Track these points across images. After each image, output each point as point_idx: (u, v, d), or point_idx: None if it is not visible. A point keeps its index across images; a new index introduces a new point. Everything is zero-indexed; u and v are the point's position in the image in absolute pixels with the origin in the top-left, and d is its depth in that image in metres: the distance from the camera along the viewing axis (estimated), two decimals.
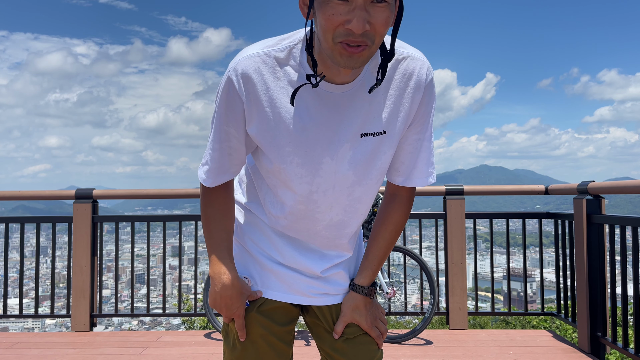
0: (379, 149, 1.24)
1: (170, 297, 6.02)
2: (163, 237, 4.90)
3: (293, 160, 1.21)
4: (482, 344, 3.98)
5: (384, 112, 1.20)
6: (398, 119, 1.22)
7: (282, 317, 1.37)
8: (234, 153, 1.27)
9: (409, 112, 1.23)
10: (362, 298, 1.35)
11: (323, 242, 1.35)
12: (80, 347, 4.02)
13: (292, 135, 1.19)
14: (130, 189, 4.89)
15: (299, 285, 1.35)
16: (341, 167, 1.23)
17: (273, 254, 1.36)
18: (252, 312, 1.34)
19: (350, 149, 1.21)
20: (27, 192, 4.93)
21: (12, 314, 4.78)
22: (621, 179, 4.29)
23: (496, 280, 5.83)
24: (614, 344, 3.49)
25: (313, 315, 1.41)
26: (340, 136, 1.20)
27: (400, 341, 4.00)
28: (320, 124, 1.19)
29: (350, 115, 1.19)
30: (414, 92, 1.22)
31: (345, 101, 1.18)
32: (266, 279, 1.36)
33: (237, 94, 1.18)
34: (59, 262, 10.19)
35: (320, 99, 1.18)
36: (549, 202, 40.32)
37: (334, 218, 1.30)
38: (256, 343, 1.35)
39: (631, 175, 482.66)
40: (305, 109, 1.18)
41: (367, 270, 1.37)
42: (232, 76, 1.18)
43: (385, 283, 4.07)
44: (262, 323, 1.34)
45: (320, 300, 1.36)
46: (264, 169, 1.29)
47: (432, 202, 10.90)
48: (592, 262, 3.67)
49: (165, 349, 3.94)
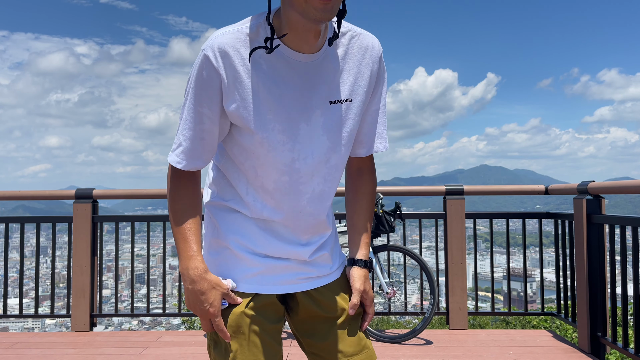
0: (347, 116, 1.35)
1: (170, 297, 6.02)
2: (163, 237, 4.91)
3: (274, 127, 1.28)
4: (482, 344, 3.99)
5: (348, 81, 1.34)
6: (361, 87, 1.36)
7: (272, 314, 1.37)
8: (207, 137, 1.31)
9: (369, 82, 1.38)
10: (365, 271, 1.47)
11: (308, 223, 1.38)
12: (80, 347, 4.02)
13: (271, 102, 1.27)
14: (130, 189, 4.89)
15: (288, 276, 1.38)
16: (316, 133, 1.32)
17: (259, 248, 1.37)
18: (243, 309, 1.33)
19: (321, 116, 1.32)
20: (27, 192, 4.93)
21: (12, 314, 4.78)
22: (621, 179, 4.29)
23: (496, 280, 5.83)
24: (614, 344, 3.49)
25: (303, 308, 1.42)
26: (312, 103, 1.30)
27: (400, 341, 4.00)
28: (295, 90, 1.29)
29: (318, 83, 1.31)
30: (371, 64, 1.37)
31: (313, 70, 1.30)
32: (254, 276, 1.37)
33: (214, 70, 1.25)
34: (59, 262, 10.20)
35: (292, 67, 1.28)
36: (549, 202, 40.34)
37: (315, 189, 1.36)
38: (251, 343, 1.33)
39: (631, 175, 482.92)
40: (280, 77, 1.28)
41: (363, 243, 1.49)
42: (209, 53, 1.25)
43: (385, 283, 4.07)
44: (254, 320, 1.33)
45: (309, 284, 1.41)
46: (242, 151, 1.33)
47: (432, 202, 10.91)
48: (592, 262, 3.67)
49: (165, 349, 3.94)
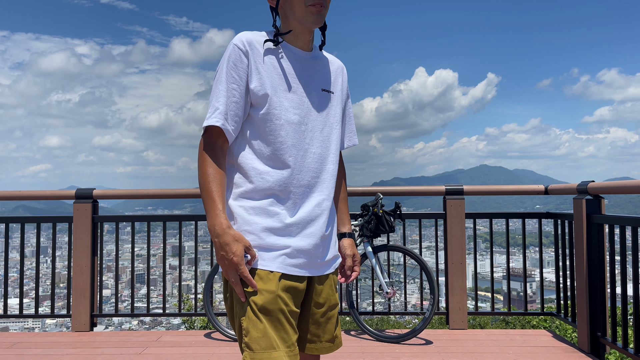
0: (332, 104, 1.76)
1: (171, 297, 6.03)
2: (163, 237, 4.91)
3: (286, 96, 1.65)
4: (482, 344, 3.99)
5: (331, 78, 1.79)
6: (338, 86, 1.80)
7: (297, 299, 1.63)
8: (235, 107, 1.62)
9: (342, 87, 1.83)
10: (351, 240, 1.91)
11: (312, 178, 1.67)
12: (81, 347, 4.03)
13: (283, 79, 1.66)
14: (130, 189, 4.89)
15: (312, 257, 1.65)
16: (314, 107, 1.70)
17: (285, 230, 1.61)
18: (276, 293, 1.55)
19: (317, 97, 1.72)
20: (27, 192, 4.93)
21: (12, 314, 4.78)
22: (621, 179, 4.29)
23: (496, 280, 5.84)
24: (614, 344, 3.50)
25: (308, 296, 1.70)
26: (310, 85, 1.71)
27: (400, 341, 4.01)
28: (299, 73, 1.69)
29: (315, 73, 1.74)
30: (342, 73, 1.85)
31: (310, 63, 1.73)
32: (284, 257, 1.60)
33: (243, 54, 1.62)
34: (59, 262, 10.20)
35: (296, 59, 1.70)
36: (549, 202, 40.38)
37: (316, 151, 1.69)
38: (277, 318, 1.55)
39: (631, 175, 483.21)
40: (288, 64, 1.68)
41: (346, 219, 1.93)
42: (238, 42, 1.63)
43: (385, 283, 4.07)
44: (284, 300, 1.57)
45: (320, 270, 1.70)
46: (263, 117, 1.63)
47: (432, 202, 10.92)
48: (591, 262, 3.67)
49: (165, 349, 3.94)
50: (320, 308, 1.71)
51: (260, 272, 1.56)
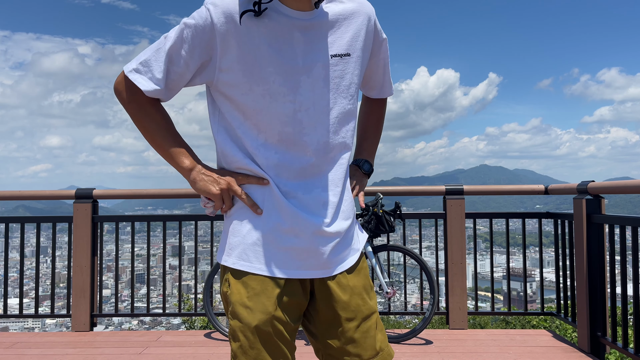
0: (346, 70, 1.40)
1: (171, 296, 6.03)
2: (163, 237, 4.91)
3: (275, 80, 1.32)
4: (482, 344, 3.99)
5: (345, 38, 1.40)
6: (357, 43, 1.42)
7: (295, 311, 1.38)
8: (173, 77, 1.35)
9: (365, 39, 1.44)
10: (365, 175, 1.65)
11: (314, 174, 1.38)
12: (81, 347, 4.03)
13: (272, 57, 1.32)
14: (130, 189, 4.89)
15: (314, 257, 1.37)
16: (317, 85, 1.36)
17: (282, 232, 1.35)
18: (274, 312, 1.33)
19: (323, 68, 1.36)
20: (27, 192, 4.93)
21: (12, 314, 4.78)
22: (621, 179, 4.29)
23: (496, 280, 5.84)
24: (614, 344, 3.49)
25: (323, 298, 1.40)
26: (313, 56, 1.35)
27: (400, 341, 4.01)
28: (294, 45, 1.34)
29: (319, 39, 1.36)
30: (367, 22, 1.44)
31: (312, 27, 1.35)
32: (281, 258, 1.36)
33: (211, 25, 1.29)
34: (59, 262, 10.20)
35: (293, 24, 1.33)
36: (549, 202, 40.37)
37: (320, 140, 1.37)
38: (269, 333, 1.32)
39: (631, 175, 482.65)
40: (281, 33, 1.33)
41: (371, 147, 1.68)
42: (210, 6, 1.29)
43: (385, 283, 4.07)
44: (279, 319, 1.33)
45: (333, 269, 1.40)
46: (241, 112, 1.35)
47: (432, 202, 10.92)
48: (592, 262, 3.67)
49: (165, 349, 3.94)
50: (351, 322, 1.41)
51: (250, 281, 1.34)
